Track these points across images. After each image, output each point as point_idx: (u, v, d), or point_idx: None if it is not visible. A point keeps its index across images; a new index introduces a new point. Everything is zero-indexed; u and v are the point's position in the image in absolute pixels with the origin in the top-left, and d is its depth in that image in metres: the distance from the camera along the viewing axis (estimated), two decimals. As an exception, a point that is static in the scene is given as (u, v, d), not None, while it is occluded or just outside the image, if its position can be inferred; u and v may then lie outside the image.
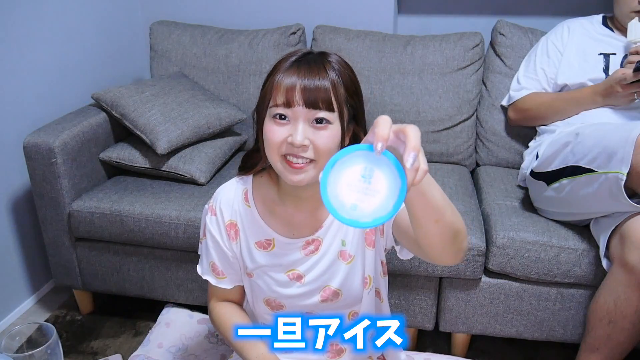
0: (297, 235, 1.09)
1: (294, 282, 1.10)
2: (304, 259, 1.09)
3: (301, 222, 1.08)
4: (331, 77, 0.93)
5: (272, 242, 1.09)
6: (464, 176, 1.87)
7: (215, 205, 1.10)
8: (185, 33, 2.11)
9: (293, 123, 0.93)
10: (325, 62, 0.95)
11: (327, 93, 0.92)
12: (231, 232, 1.10)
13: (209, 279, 1.15)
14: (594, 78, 1.64)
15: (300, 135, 0.91)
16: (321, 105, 0.92)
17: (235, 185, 1.11)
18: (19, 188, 1.84)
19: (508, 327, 1.58)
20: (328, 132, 0.93)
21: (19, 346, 0.95)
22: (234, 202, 1.09)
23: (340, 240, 1.11)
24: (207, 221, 1.11)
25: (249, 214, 1.09)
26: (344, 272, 1.11)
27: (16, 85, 1.76)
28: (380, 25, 2.11)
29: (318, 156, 0.93)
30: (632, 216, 1.33)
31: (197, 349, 1.48)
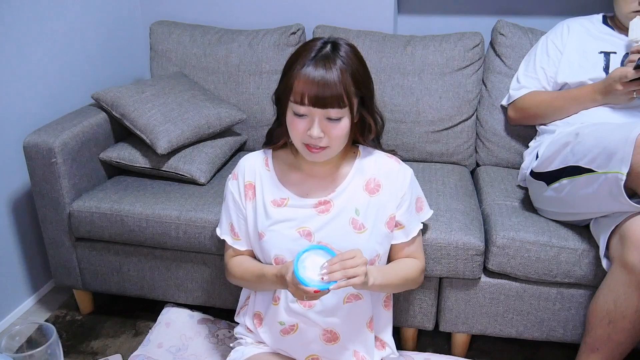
0: (311, 196, 1.22)
1: (302, 239, 1.20)
2: (314, 216, 1.21)
3: (315, 186, 1.24)
4: (341, 75, 1.09)
5: (287, 200, 1.23)
6: (464, 176, 1.87)
7: (237, 171, 1.28)
8: (185, 33, 2.11)
9: (310, 118, 1.11)
10: (336, 57, 1.10)
11: (338, 92, 1.08)
12: (249, 192, 1.26)
13: (227, 239, 1.31)
14: (594, 77, 1.64)
15: (316, 131, 1.10)
16: (333, 104, 1.09)
17: (258, 154, 1.29)
18: (19, 188, 1.84)
19: (508, 327, 1.58)
20: (340, 124, 1.12)
21: (19, 346, 0.95)
22: (255, 167, 1.27)
23: (354, 209, 1.22)
24: (229, 186, 1.29)
25: (267, 177, 1.25)
26: (353, 239, 1.20)
27: (16, 85, 1.76)
28: (380, 25, 2.11)
29: (331, 142, 1.13)
30: (632, 216, 1.33)
31: (197, 349, 1.48)
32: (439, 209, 1.58)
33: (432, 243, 1.48)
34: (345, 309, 1.21)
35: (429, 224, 1.51)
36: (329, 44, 1.13)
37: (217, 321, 1.61)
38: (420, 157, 1.98)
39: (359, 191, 1.22)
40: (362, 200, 1.22)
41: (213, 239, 1.58)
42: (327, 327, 1.21)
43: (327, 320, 1.21)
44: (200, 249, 1.62)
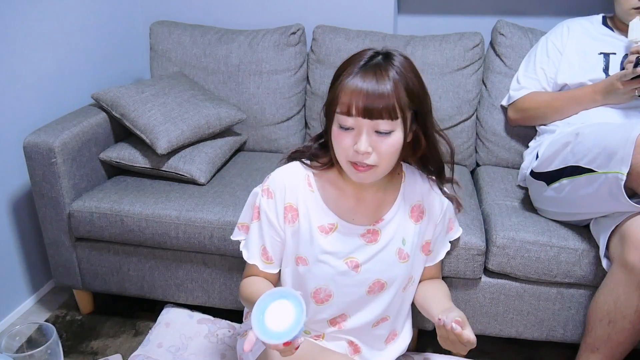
0: (357, 223, 1.13)
1: (350, 272, 1.13)
2: (363, 246, 1.12)
3: (362, 211, 1.13)
4: (394, 82, 0.98)
5: (335, 226, 1.12)
6: (464, 176, 1.87)
7: (273, 188, 1.12)
8: (185, 33, 2.11)
9: (357, 131, 1.00)
10: (389, 67, 1.00)
11: (390, 101, 0.97)
12: (288, 215, 1.12)
13: (257, 263, 1.16)
14: (593, 78, 1.64)
15: (364, 145, 0.98)
16: (383, 115, 0.98)
17: (297, 170, 1.14)
18: (19, 188, 1.84)
19: (508, 327, 1.58)
20: (390, 139, 1.00)
21: (19, 346, 0.95)
22: (296, 187, 1.12)
23: (402, 239, 1.15)
24: (263, 204, 1.13)
25: (312, 199, 1.12)
26: (397, 270, 1.15)
27: (16, 85, 1.76)
28: (380, 25, 2.11)
29: (380, 161, 1.01)
30: (632, 216, 1.33)
31: (197, 349, 1.48)
32: (439, 209, 1.58)
33: (432, 243, 1.48)
34: (373, 330, 1.20)
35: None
36: (381, 55, 1.03)
37: (217, 321, 1.60)
38: (420, 157, 1.98)
39: (405, 219, 1.15)
40: (409, 229, 1.15)
41: (213, 239, 1.58)
42: (352, 340, 1.20)
43: (352, 338, 1.20)
44: (200, 249, 1.62)
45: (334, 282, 1.13)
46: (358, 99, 0.97)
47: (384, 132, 0.99)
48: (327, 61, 2.00)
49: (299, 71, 2.05)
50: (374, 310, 1.17)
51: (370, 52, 1.04)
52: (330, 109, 1.03)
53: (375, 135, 1.00)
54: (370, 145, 0.99)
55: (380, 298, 1.17)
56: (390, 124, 0.99)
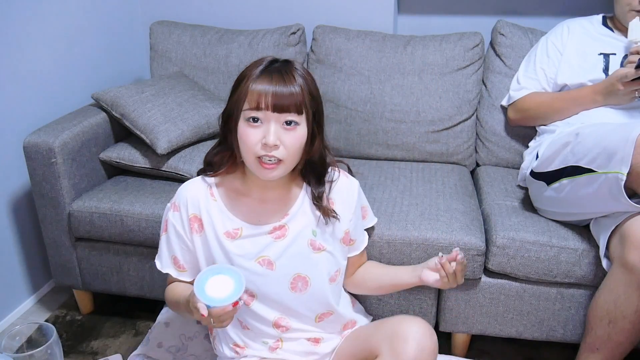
0: (263, 223, 1.16)
1: (265, 270, 1.16)
2: (272, 243, 1.15)
3: (267, 211, 1.17)
4: (299, 83, 1.05)
5: (240, 231, 1.16)
6: (464, 176, 1.87)
7: (178, 202, 1.18)
8: (185, 33, 2.11)
9: (265, 125, 1.04)
10: (293, 70, 1.06)
11: (297, 98, 1.04)
12: (194, 225, 1.16)
13: (170, 272, 1.22)
14: (593, 78, 1.64)
15: (273, 136, 1.03)
16: (291, 109, 1.03)
17: (199, 183, 1.19)
18: (19, 188, 1.84)
19: (508, 327, 1.58)
20: (297, 133, 1.06)
21: (19, 346, 0.95)
22: (199, 198, 1.16)
23: (311, 230, 1.19)
24: (170, 217, 1.18)
25: (215, 208, 1.16)
26: (313, 260, 1.18)
27: (16, 85, 1.76)
28: (380, 25, 2.11)
29: (286, 156, 1.06)
30: (632, 216, 1.33)
31: (197, 349, 1.48)
32: (439, 208, 1.58)
33: (432, 243, 1.48)
34: (320, 325, 1.23)
35: (429, 224, 1.51)
36: (280, 61, 1.09)
37: (217, 321, 1.60)
38: (420, 157, 1.98)
39: (312, 212, 1.18)
40: (316, 221, 1.18)
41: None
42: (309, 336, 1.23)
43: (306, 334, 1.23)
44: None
45: (252, 284, 1.16)
46: (267, 96, 1.02)
47: (292, 124, 1.04)
48: (327, 61, 2.00)
49: (299, 71, 2.05)
50: (310, 307, 1.20)
51: (269, 58, 1.09)
52: (234, 110, 1.06)
53: (283, 129, 1.04)
54: (278, 139, 1.03)
55: (310, 294, 1.19)
56: (297, 117, 1.05)
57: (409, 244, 1.48)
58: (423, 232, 1.49)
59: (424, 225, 1.51)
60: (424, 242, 1.48)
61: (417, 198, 1.65)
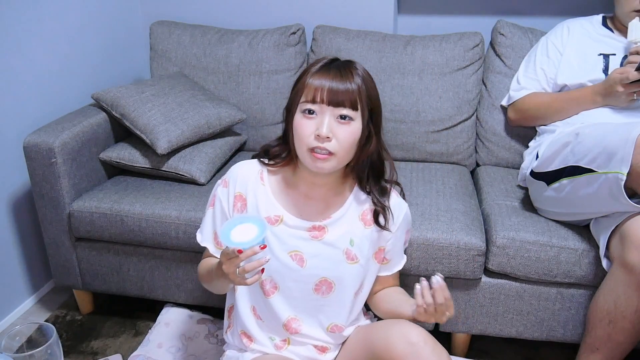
0: (304, 218, 1.17)
1: (295, 265, 1.16)
2: (308, 241, 1.16)
3: (311, 208, 1.18)
4: (356, 81, 1.07)
5: (281, 218, 1.17)
6: (464, 176, 1.87)
7: (228, 178, 1.20)
8: (185, 33, 2.11)
9: (320, 117, 1.06)
10: (353, 69, 1.09)
11: (353, 94, 1.06)
12: (237, 204, 1.18)
13: (209, 246, 1.24)
14: (593, 79, 1.64)
15: (326, 128, 1.04)
16: (346, 104, 1.05)
17: (253, 165, 1.21)
18: (19, 188, 1.84)
19: (508, 327, 1.58)
20: (350, 127, 1.07)
21: (19, 346, 0.95)
22: (249, 178, 1.19)
23: (350, 239, 1.18)
24: (218, 192, 1.21)
25: (262, 192, 1.18)
26: (344, 269, 1.17)
27: (16, 85, 1.76)
28: (380, 25, 2.11)
29: (338, 149, 1.07)
30: (632, 216, 1.33)
31: (197, 349, 1.48)
32: (439, 209, 1.58)
33: (433, 243, 1.48)
34: (329, 335, 1.23)
35: (430, 225, 1.51)
36: (341, 60, 1.12)
37: (216, 321, 1.61)
38: (420, 157, 1.98)
39: (355, 221, 1.19)
40: (357, 230, 1.18)
41: (213, 239, 1.58)
42: (316, 344, 1.23)
43: (314, 341, 1.23)
44: (200, 249, 1.62)
45: (278, 274, 1.17)
46: (323, 90, 1.05)
47: (346, 118, 1.06)
48: (327, 61, 2.00)
49: (299, 71, 2.05)
50: (327, 314, 1.20)
51: (331, 57, 1.13)
52: (293, 103, 1.10)
53: (337, 122, 1.06)
54: (331, 131, 1.05)
55: (331, 300, 1.19)
56: (352, 112, 1.06)
57: (410, 244, 1.48)
58: (423, 232, 1.49)
59: (424, 226, 1.51)
60: (424, 242, 1.48)
61: (417, 198, 1.65)
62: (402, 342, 1.06)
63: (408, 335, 1.07)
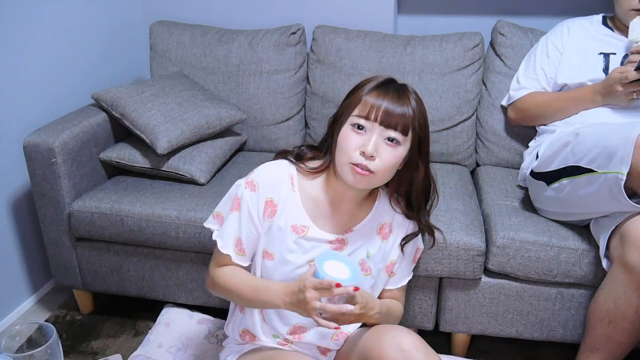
0: (327, 230, 1.17)
1: None
2: None
3: (335, 219, 1.17)
4: (412, 106, 1.07)
5: (307, 230, 1.15)
6: (464, 176, 1.87)
7: (257, 181, 1.14)
8: (185, 33, 2.11)
9: (369, 134, 1.05)
10: (409, 93, 1.08)
11: (407, 119, 1.05)
12: (268, 210, 1.14)
13: (230, 253, 1.16)
14: (593, 78, 1.64)
15: (372, 146, 1.04)
16: (398, 128, 1.05)
17: (283, 167, 1.17)
18: (19, 188, 1.84)
19: (508, 327, 1.58)
20: (396, 150, 1.06)
21: (19, 346, 0.95)
22: (281, 184, 1.15)
23: (366, 252, 1.20)
24: (245, 196, 1.14)
25: (291, 198, 1.15)
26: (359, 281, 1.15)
27: (16, 85, 1.76)
28: (380, 25, 2.11)
29: (379, 169, 1.06)
30: (632, 216, 1.33)
31: (197, 349, 1.48)
32: (439, 208, 1.58)
33: (432, 243, 1.48)
34: (335, 343, 1.23)
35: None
36: (397, 82, 1.11)
37: (216, 321, 1.60)
38: (420, 157, 1.98)
39: (373, 234, 1.20)
40: (374, 244, 1.20)
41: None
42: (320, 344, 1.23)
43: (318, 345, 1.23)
44: (200, 249, 1.62)
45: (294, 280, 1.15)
46: (379, 108, 1.04)
47: (394, 141, 1.05)
48: (327, 61, 2.00)
49: (299, 71, 2.05)
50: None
51: (386, 76, 1.12)
52: (344, 114, 1.08)
53: (384, 143, 1.05)
54: (376, 150, 1.04)
55: None
56: (401, 137, 1.06)
57: (409, 244, 1.48)
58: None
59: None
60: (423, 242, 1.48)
61: (417, 198, 1.64)
62: (394, 349, 1.06)
63: (400, 343, 1.07)
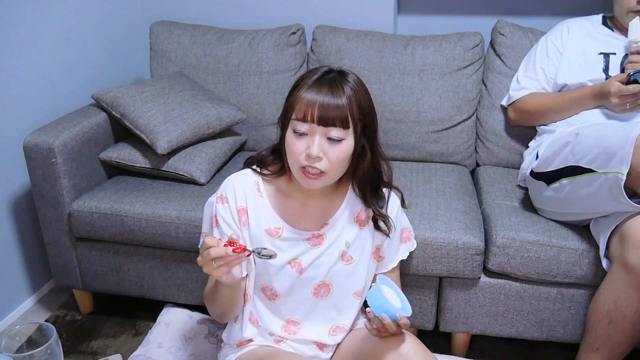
0: (302, 228, 1.17)
1: (294, 272, 1.17)
2: (308, 250, 1.17)
3: (308, 216, 1.18)
4: (348, 96, 1.05)
5: (281, 231, 1.16)
6: (464, 176, 1.87)
7: (225, 193, 1.16)
8: (185, 33, 2.11)
9: (311, 137, 1.05)
10: (344, 82, 1.06)
11: (343, 111, 1.04)
12: (242, 218, 1.15)
13: None
14: (593, 78, 1.64)
15: (316, 149, 1.04)
16: (336, 123, 1.04)
17: (247, 176, 1.18)
18: (19, 188, 1.84)
19: (508, 327, 1.58)
20: (341, 146, 1.06)
21: (19, 346, 0.95)
22: (247, 191, 1.16)
23: (345, 241, 1.19)
24: (220, 210, 1.16)
25: (260, 203, 1.16)
26: (340, 270, 1.19)
27: (16, 85, 1.76)
28: (380, 25, 2.11)
29: (329, 168, 1.06)
30: (632, 216, 1.33)
31: (197, 349, 1.48)
32: (439, 208, 1.58)
33: (432, 242, 1.48)
34: (333, 338, 1.23)
35: (427, 231, 1.51)
36: (335, 72, 1.09)
37: (216, 321, 1.60)
38: (420, 157, 1.98)
39: (350, 223, 1.19)
40: (352, 232, 1.19)
41: (213, 239, 1.58)
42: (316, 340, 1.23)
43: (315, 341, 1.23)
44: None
45: (279, 282, 1.17)
46: (314, 108, 1.03)
47: (336, 139, 1.05)
48: (327, 61, 2.00)
49: (299, 71, 2.05)
50: (328, 316, 1.21)
51: (325, 68, 1.10)
52: (286, 117, 1.08)
53: (327, 142, 1.05)
54: (322, 151, 1.04)
55: (330, 301, 1.20)
56: (342, 132, 1.05)
57: (409, 244, 1.48)
58: (422, 231, 1.49)
59: (424, 225, 1.51)
60: (423, 242, 1.48)
61: (417, 198, 1.65)
62: (391, 352, 1.07)
63: (398, 346, 1.07)
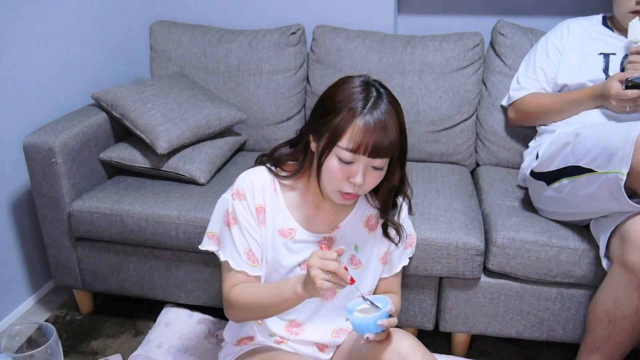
0: (314, 230, 1.17)
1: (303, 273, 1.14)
2: None
3: (320, 219, 1.18)
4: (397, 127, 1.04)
5: (294, 232, 1.16)
6: (464, 176, 1.87)
7: (242, 189, 1.13)
8: (185, 33, 2.11)
9: (355, 165, 1.04)
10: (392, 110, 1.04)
11: (393, 148, 1.04)
12: (260, 216, 1.13)
13: (245, 269, 1.13)
14: (593, 78, 1.64)
15: (360, 177, 1.04)
16: (384, 157, 1.04)
17: (263, 174, 1.16)
18: (19, 188, 1.84)
19: (508, 327, 1.58)
20: (380, 173, 1.07)
21: (19, 346, 0.95)
22: (264, 189, 1.14)
23: (354, 245, 1.20)
24: (237, 207, 1.12)
25: (276, 203, 1.15)
26: None
27: (16, 85, 1.76)
28: (380, 25, 2.11)
29: (365, 190, 1.09)
30: (632, 216, 1.33)
31: (196, 349, 1.48)
32: (439, 208, 1.58)
33: (432, 243, 1.48)
34: (336, 340, 1.24)
35: (427, 230, 1.51)
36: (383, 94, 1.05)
37: (216, 321, 1.60)
38: (420, 157, 1.98)
39: (359, 227, 1.20)
40: (362, 237, 1.20)
41: (213, 239, 1.58)
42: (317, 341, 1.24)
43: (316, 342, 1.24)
44: (199, 250, 1.62)
45: None
46: (368, 143, 1.01)
47: (378, 168, 1.06)
48: (327, 61, 2.00)
49: (299, 71, 2.05)
50: (332, 318, 1.21)
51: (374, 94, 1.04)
52: (329, 139, 1.04)
53: (370, 169, 1.06)
54: (364, 178, 1.05)
55: (335, 303, 1.20)
56: (386, 161, 1.06)
57: (409, 244, 1.48)
58: (422, 231, 1.49)
59: (424, 225, 1.51)
60: (423, 242, 1.48)
61: (417, 198, 1.64)
62: (391, 353, 1.07)
63: (397, 346, 1.07)
